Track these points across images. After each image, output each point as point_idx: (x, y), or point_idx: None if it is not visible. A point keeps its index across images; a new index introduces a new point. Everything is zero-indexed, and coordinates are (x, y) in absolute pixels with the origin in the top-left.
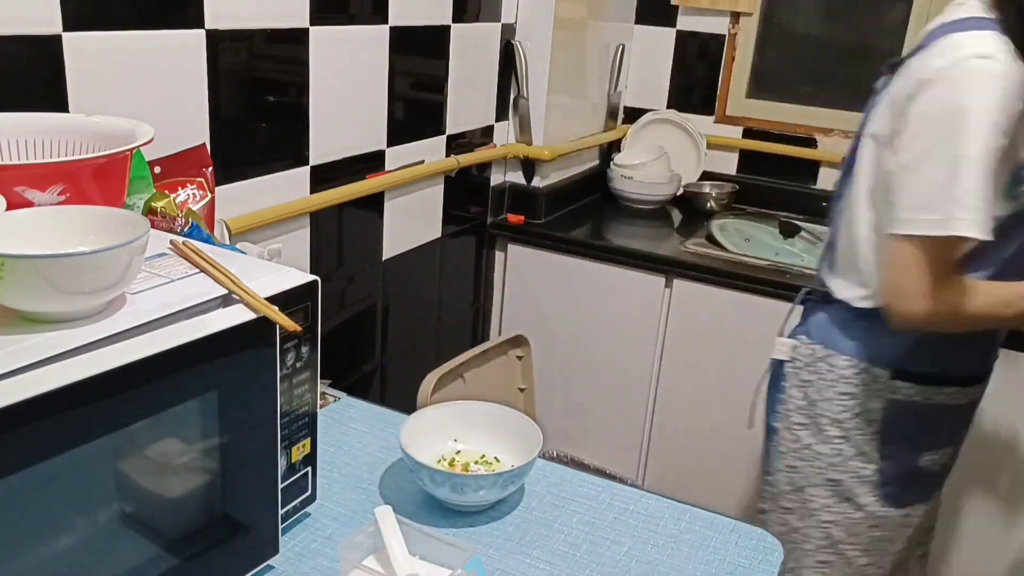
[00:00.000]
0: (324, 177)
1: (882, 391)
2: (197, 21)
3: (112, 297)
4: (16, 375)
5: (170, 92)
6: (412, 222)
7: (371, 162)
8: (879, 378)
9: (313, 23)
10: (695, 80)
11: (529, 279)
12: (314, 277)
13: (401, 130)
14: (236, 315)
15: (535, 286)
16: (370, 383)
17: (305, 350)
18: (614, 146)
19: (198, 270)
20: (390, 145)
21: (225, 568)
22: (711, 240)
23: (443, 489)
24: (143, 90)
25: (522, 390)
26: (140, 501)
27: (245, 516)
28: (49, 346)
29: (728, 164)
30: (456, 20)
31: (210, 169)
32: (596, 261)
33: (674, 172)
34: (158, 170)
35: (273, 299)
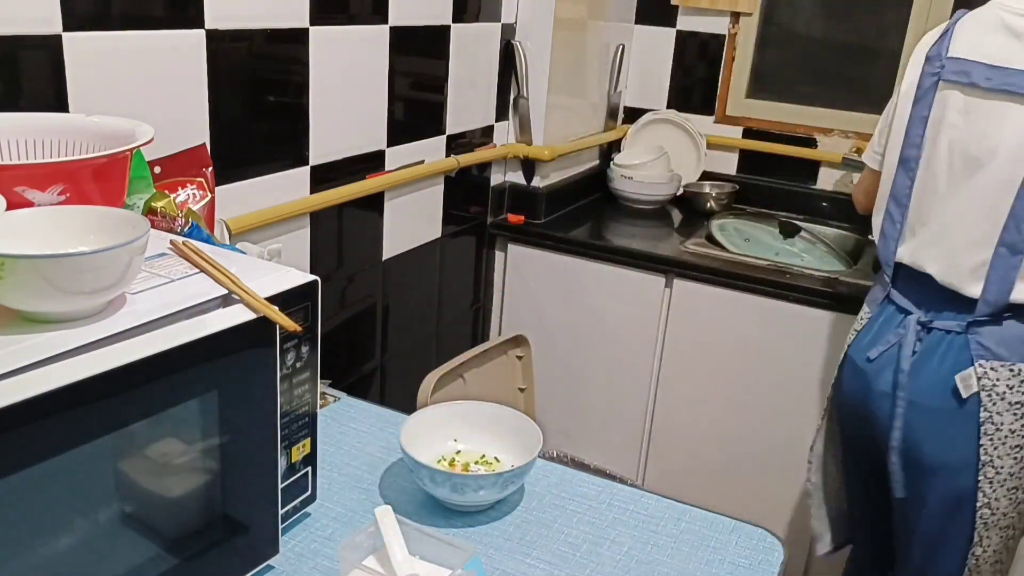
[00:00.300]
0: (324, 177)
1: None
2: (197, 21)
3: (112, 297)
4: (16, 375)
5: (170, 92)
6: (412, 222)
7: (371, 162)
8: None
9: (313, 23)
10: (695, 80)
11: (529, 279)
12: (314, 277)
13: (401, 130)
14: (236, 315)
15: (535, 286)
16: (370, 383)
17: (305, 350)
18: (614, 146)
19: (198, 270)
20: (390, 145)
21: (225, 568)
22: (711, 240)
23: (443, 489)
24: (143, 90)
25: (522, 390)
26: (140, 501)
27: (245, 516)
28: (49, 346)
29: (728, 164)
30: (456, 20)
31: (210, 169)
32: (596, 261)
33: (674, 172)
34: (158, 170)
35: (273, 299)
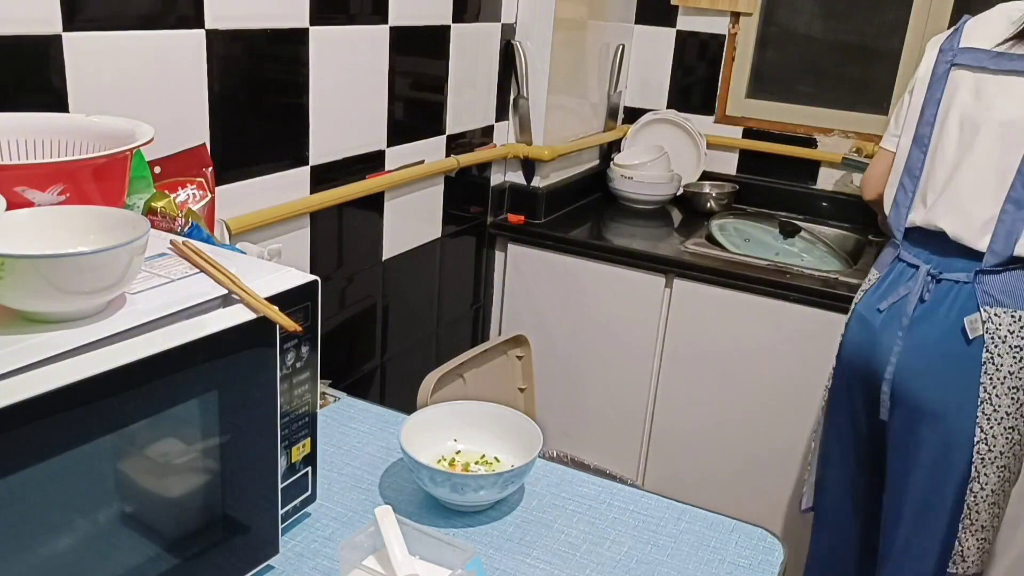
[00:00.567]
0: (324, 177)
1: None
2: (197, 21)
3: (112, 297)
4: (16, 375)
5: (170, 92)
6: (412, 222)
7: (371, 162)
8: None
9: (313, 23)
10: (695, 80)
11: (529, 279)
12: (314, 277)
13: (401, 130)
14: (236, 315)
15: (535, 286)
16: (370, 383)
17: (305, 350)
18: (614, 146)
19: (198, 270)
20: (390, 145)
21: (225, 568)
22: (711, 240)
23: (443, 489)
24: (143, 90)
25: (522, 390)
26: (140, 501)
27: (245, 516)
28: (49, 346)
29: (728, 164)
30: (456, 20)
31: (210, 169)
32: (596, 261)
33: (674, 172)
34: (158, 170)
35: (273, 299)
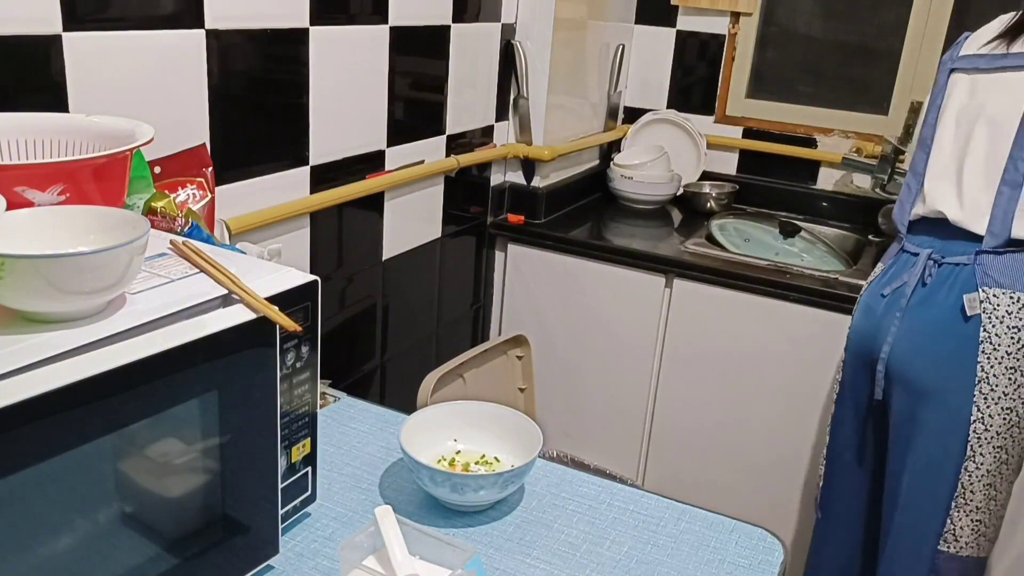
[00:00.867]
0: (324, 177)
1: None
2: (197, 21)
3: (112, 297)
4: (16, 375)
5: (170, 92)
6: (412, 222)
7: (371, 162)
8: None
9: (313, 23)
10: (695, 80)
11: (529, 279)
12: (314, 277)
13: (401, 130)
14: (236, 315)
15: (535, 286)
16: (370, 383)
17: (305, 350)
18: (614, 146)
19: (198, 270)
20: (390, 145)
21: (225, 568)
22: (711, 240)
23: (443, 489)
24: (143, 90)
25: (522, 390)
26: (140, 501)
27: (245, 516)
28: (49, 346)
29: (728, 164)
30: (456, 20)
31: (210, 169)
32: (596, 261)
33: (674, 172)
34: (158, 170)
35: (273, 299)
